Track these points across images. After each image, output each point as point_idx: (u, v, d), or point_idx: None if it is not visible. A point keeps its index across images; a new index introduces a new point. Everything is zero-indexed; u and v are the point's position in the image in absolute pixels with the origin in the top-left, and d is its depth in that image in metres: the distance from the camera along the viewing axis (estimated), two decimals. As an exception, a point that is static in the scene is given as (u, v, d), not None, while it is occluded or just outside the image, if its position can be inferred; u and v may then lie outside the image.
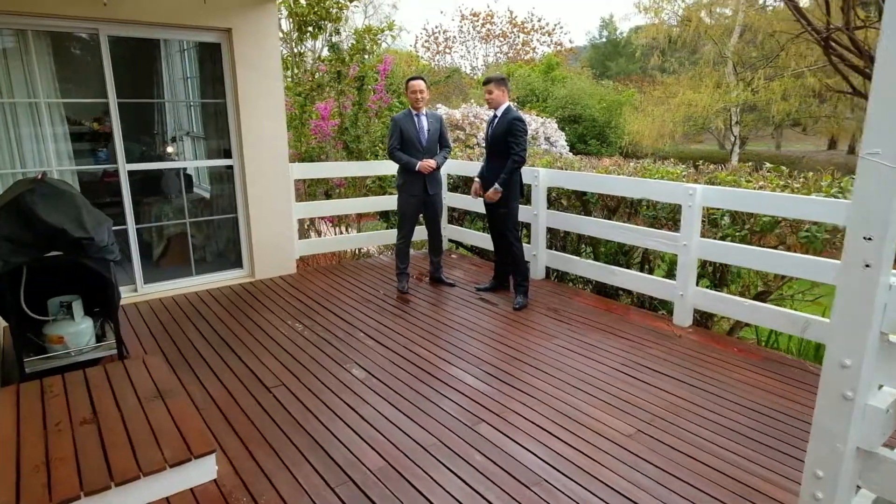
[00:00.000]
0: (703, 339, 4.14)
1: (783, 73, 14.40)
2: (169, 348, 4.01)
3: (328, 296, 5.13)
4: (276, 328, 4.36)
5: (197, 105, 5.49)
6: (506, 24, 23.43)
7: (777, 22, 13.91)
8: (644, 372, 3.62)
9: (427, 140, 5.01)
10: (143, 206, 5.29)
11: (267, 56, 5.11)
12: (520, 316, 4.62)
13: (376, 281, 5.60)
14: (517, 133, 4.54)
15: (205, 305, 4.85)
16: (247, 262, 5.50)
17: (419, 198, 5.10)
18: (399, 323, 4.47)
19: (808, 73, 13.79)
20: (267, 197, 5.37)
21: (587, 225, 5.05)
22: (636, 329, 4.33)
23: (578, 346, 4.01)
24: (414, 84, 4.96)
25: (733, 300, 4.12)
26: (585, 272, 5.18)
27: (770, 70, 15.06)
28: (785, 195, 3.77)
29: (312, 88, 6.18)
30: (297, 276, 5.69)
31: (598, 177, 4.89)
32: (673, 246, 4.34)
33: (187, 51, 5.31)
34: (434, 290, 5.32)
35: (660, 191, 4.40)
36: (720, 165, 5.51)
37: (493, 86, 4.66)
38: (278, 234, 5.51)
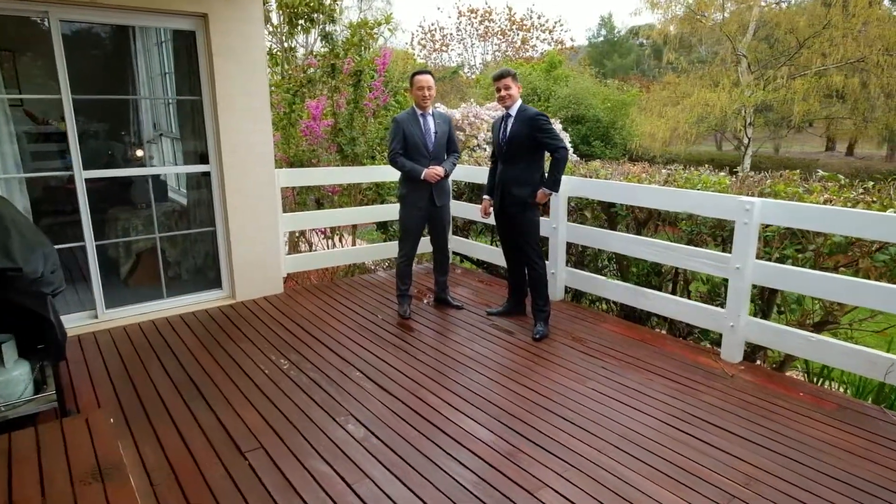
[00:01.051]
0: (760, 380, 3.52)
1: (805, 72, 13.82)
2: (127, 395, 3.34)
3: (319, 322, 4.47)
4: (258, 366, 3.70)
5: (171, 102, 4.82)
6: (504, 21, 22.83)
7: (798, 17, 13.34)
8: (702, 427, 2.99)
9: (434, 144, 4.36)
10: (108, 218, 4.62)
11: (250, 46, 4.44)
12: (541, 348, 3.99)
13: (374, 302, 4.95)
14: (545, 128, 3.94)
15: (175, 335, 4.18)
16: (227, 282, 4.84)
17: (424, 210, 4.45)
18: (401, 358, 3.83)
19: (834, 71, 13.21)
20: (249, 207, 4.71)
21: (616, 241, 4.41)
22: (679, 366, 3.70)
23: (617, 391, 3.38)
24: (421, 79, 4.31)
25: (797, 334, 3.50)
26: (613, 294, 4.55)
27: (792, 68, 14.44)
28: (865, 212, 3.16)
29: (303, 84, 5.52)
30: (285, 296, 5.02)
31: (632, 186, 4.26)
32: (723, 269, 3.72)
33: (164, 42, 4.65)
34: (439, 314, 4.67)
35: (708, 204, 3.77)
36: (726, 169, 4.91)
37: (512, 80, 4.02)
38: (263, 250, 4.85)
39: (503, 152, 4.15)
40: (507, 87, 4.03)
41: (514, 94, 4.03)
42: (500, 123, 4.16)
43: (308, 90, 5.58)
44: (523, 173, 4.06)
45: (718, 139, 28.79)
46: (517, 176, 4.09)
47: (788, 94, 14.33)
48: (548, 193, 4.04)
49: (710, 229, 4.19)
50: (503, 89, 4.05)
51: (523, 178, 4.06)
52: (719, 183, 4.09)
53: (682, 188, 4.22)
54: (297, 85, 5.52)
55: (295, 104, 5.44)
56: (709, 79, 16.64)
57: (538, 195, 4.03)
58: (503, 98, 4.06)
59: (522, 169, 4.06)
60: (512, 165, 4.11)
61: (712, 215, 3.87)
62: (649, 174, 4.76)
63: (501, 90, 4.06)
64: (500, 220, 4.35)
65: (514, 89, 4.02)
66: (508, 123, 4.09)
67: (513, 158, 4.09)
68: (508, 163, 4.13)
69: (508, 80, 4.01)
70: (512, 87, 4.02)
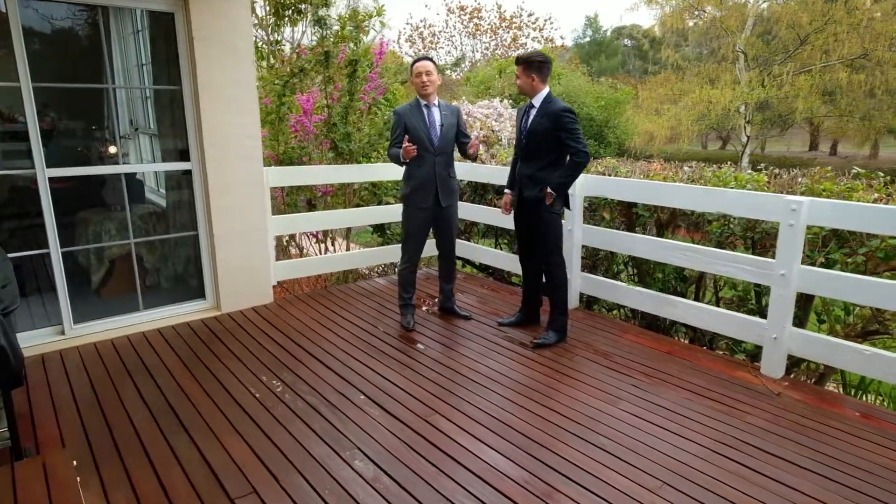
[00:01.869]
0: (808, 398, 3.18)
1: (809, 68, 13.61)
2: (96, 427, 2.90)
3: (315, 336, 4.05)
4: (248, 388, 3.27)
5: (147, 95, 4.36)
6: (494, 18, 22.48)
7: (801, 13, 13.13)
8: (754, 455, 2.64)
9: (440, 137, 3.97)
10: (77, 222, 4.15)
11: (234, 30, 4.01)
12: (563, 363, 3.61)
13: (373, 312, 4.54)
14: (569, 126, 3.54)
15: (153, 353, 3.74)
16: (210, 291, 4.39)
17: (429, 211, 4.06)
18: (408, 377, 3.42)
19: (839, 67, 13.03)
20: (236, 209, 4.27)
21: (640, 245, 4.05)
22: (717, 382, 3.35)
23: (653, 413, 3.01)
24: (419, 65, 3.92)
25: (850, 348, 3.16)
26: (634, 302, 4.19)
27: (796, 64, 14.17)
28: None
29: (293, 74, 5.08)
30: (275, 306, 4.59)
31: (660, 185, 3.90)
32: (765, 275, 3.37)
33: (139, 32, 4.19)
34: (446, 326, 4.28)
35: (748, 204, 3.42)
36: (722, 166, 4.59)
37: (523, 69, 3.65)
38: (250, 255, 4.41)
39: (522, 146, 3.77)
40: (517, 77, 3.67)
41: (524, 84, 3.66)
42: (523, 113, 3.78)
43: (300, 81, 5.14)
44: (539, 172, 3.68)
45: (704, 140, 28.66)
46: (532, 174, 3.71)
47: (793, 90, 14.16)
48: (551, 195, 3.63)
49: (742, 231, 3.85)
50: (516, 79, 3.70)
51: (538, 178, 3.68)
52: (756, 181, 3.74)
53: (712, 187, 3.87)
54: (288, 75, 5.08)
55: (285, 97, 5.02)
56: (705, 76, 16.43)
57: (545, 195, 3.65)
58: (518, 87, 3.70)
59: (539, 167, 3.68)
60: (529, 162, 3.73)
61: (752, 216, 3.53)
62: (673, 172, 4.41)
63: (515, 79, 3.71)
64: (518, 218, 3.98)
65: (522, 80, 3.66)
66: (531, 115, 3.70)
67: (531, 154, 3.72)
68: (526, 158, 3.75)
69: (519, 70, 3.65)
70: (521, 76, 3.65)
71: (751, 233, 3.88)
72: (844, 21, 13.23)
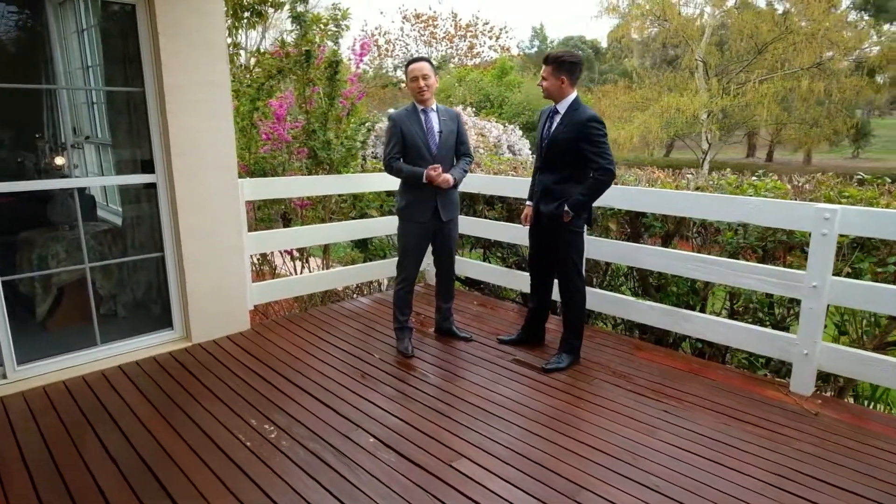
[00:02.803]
0: (846, 417, 3.01)
1: (771, 76, 14.09)
2: (51, 491, 2.39)
3: (303, 366, 3.62)
4: (236, 435, 2.82)
5: (97, 100, 3.84)
6: (450, 26, 22.36)
7: (761, 23, 13.58)
8: (814, 487, 2.41)
9: (439, 146, 3.64)
10: (19, 245, 3.59)
11: (206, 24, 3.57)
12: (582, 388, 3.32)
13: (362, 336, 4.14)
14: (596, 138, 3.24)
15: (116, 396, 3.22)
16: (179, 320, 3.88)
17: (428, 226, 3.71)
18: (419, 412, 3.05)
19: (802, 74, 13.52)
20: (208, 226, 3.80)
21: (651, 257, 3.83)
22: (749, 403, 3.14)
23: (694, 442, 2.75)
24: (415, 68, 3.58)
25: (882, 361, 3.01)
26: (643, 317, 3.97)
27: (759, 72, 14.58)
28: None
29: (270, 76, 4.63)
30: (253, 334, 4.12)
31: (675, 194, 3.69)
32: (794, 287, 3.20)
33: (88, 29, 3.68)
34: (447, 349, 3.93)
35: (775, 213, 3.24)
36: None
37: (552, 70, 3.33)
38: (225, 278, 3.94)
39: (541, 155, 3.47)
40: (543, 79, 3.37)
41: (548, 87, 3.36)
42: (546, 118, 3.48)
43: (278, 82, 4.70)
44: (557, 185, 3.38)
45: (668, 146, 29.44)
46: (549, 187, 3.41)
47: (755, 98, 14.63)
48: (568, 214, 3.33)
49: (757, 241, 3.69)
50: (541, 79, 3.39)
51: (556, 191, 3.39)
52: (777, 188, 3.59)
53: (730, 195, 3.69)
54: (265, 77, 4.63)
55: (258, 101, 4.56)
56: (665, 84, 16.79)
57: (562, 213, 3.36)
58: (543, 90, 3.40)
59: (557, 180, 3.38)
60: (547, 172, 3.44)
61: (780, 225, 3.36)
62: (673, 179, 4.23)
63: (540, 80, 3.41)
64: (534, 233, 3.67)
65: (548, 81, 3.35)
66: (554, 121, 3.40)
67: (550, 164, 3.42)
68: (545, 169, 3.45)
69: (548, 70, 3.35)
70: (548, 78, 3.35)
71: (763, 242, 3.73)
72: (801, 31, 13.86)
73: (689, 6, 16.60)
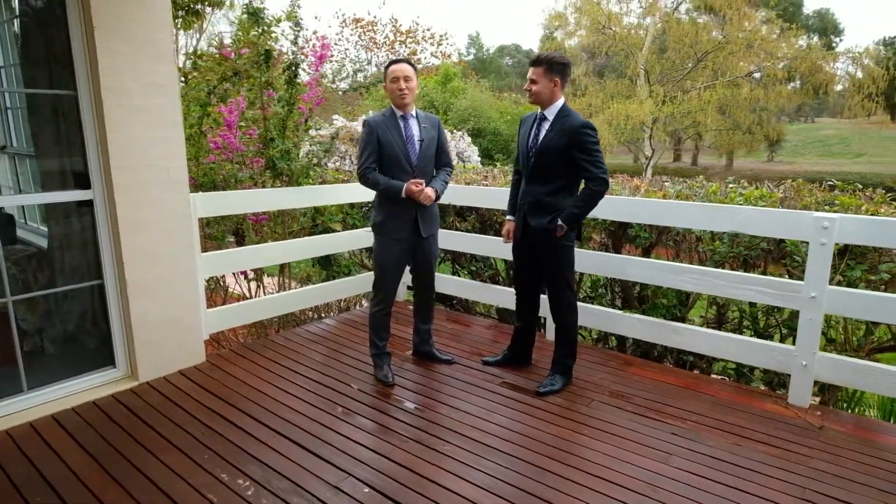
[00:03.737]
0: (848, 428, 2.96)
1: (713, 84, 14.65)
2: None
3: (273, 403, 3.21)
4: (199, 492, 2.40)
5: (19, 100, 3.30)
6: (390, 32, 21.99)
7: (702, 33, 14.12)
8: (848, 513, 2.30)
9: (419, 155, 3.35)
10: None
11: (151, 18, 3.12)
12: (580, 412, 3.12)
13: (335, 363, 3.77)
14: (590, 146, 3.04)
15: (50, 452, 2.71)
16: (123, 356, 3.39)
17: (407, 243, 3.42)
18: (414, 451, 2.74)
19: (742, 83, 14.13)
20: (156, 248, 3.33)
21: (639, 269, 3.70)
22: (753, 419, 3.04)
23: (713, 469, 2.59)
24: (395, 69, 3.30)
25: (879, 369, 2.99)
26: (631, 331, 3.83)
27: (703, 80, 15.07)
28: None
29: (225, 78, 4.16)
30: (209, 367, 3.66)
31: (666, 204, 3.56)
32: (792, 298, 3.13)
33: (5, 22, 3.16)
34: (429, 374, 3.63)
35: (772, 222, 3.17)
36: None
37: (544, 71, 3.11)
38: (176, 305, 3.47)
39: (529, 165, 3.23)
40: (533, 82, 3.14)
41: (541, 91, 3.14)
42: (531, 126, 3.25)
43: (234, 85, 4.25)
44: (548, 198, 3.16)
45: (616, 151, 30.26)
46: (539, 200, 3.18)
47: (699, 104, 15.22)
48: (562, 228, 3.12)
49: (744, 250, 3.62)
50: (529, 83, 3.15)
51: (547, 204, 3.17)
52: (768, 196, 3.53)
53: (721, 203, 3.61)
54: (217, 79, 4.16)
55: (210, 106, 4.10)
56: (608, 92, 17.19)
57: (555, 227, 3.15)
58: (529, 93, 3.16)
59: (548, 192, 3.16)
60: (536, 184, 3.20)
61: (776, 235, 3.29)
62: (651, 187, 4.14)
63: (527, 84, 3.16)
64: (519, 249, 3.43)
65: (540, 84, 3.12)
66: (542, 129, 3.18)
67: (540, 176, 3.19)
68: (534, 180, 3.22)
69: (537, 71, 3.12)
70: (538, 81, 3.12)
71: (747, 251, 3.67)
72: (737, 41, 14.58)
73: (631, 16, 17.23)
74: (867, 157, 33.61)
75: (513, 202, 3.47)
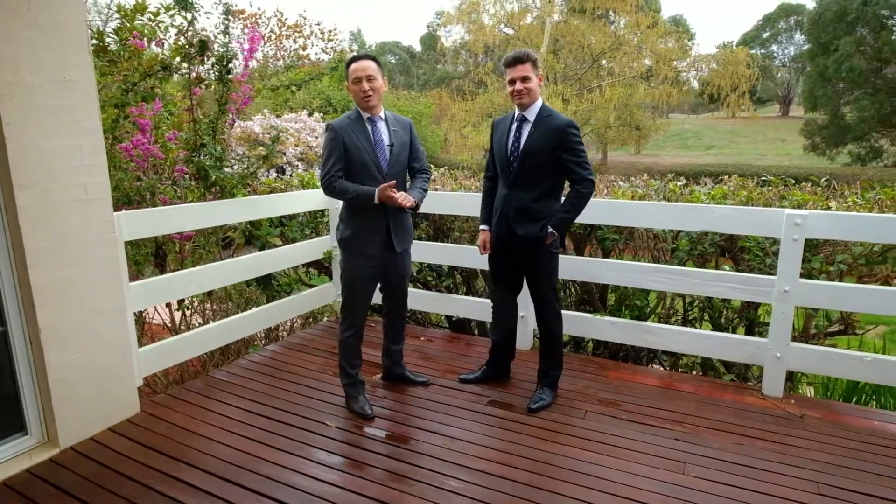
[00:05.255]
0: (824, 414, 3.12)
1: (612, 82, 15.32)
2: None
3: (236, 455, 2.74)
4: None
5: None
6: (275, 25, 20.77)
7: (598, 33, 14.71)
8: (859, 502, 2.37)
9: (390, 162, 3.03)
10: None
11: (59, 2, 2.51)
12: (579, 426, 2.99)
13: (296, 398, 3.34)
14: (576, 147, 2.90)
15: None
16: (36, 420, 2.72)
17: (378, 259, 3.08)
18: (421, 494, 2.44)
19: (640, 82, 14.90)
20: (74, 283, 2.71)
21: (613, 272, 3.65)
22: (741, 415, 3.10)
23: (728, 473, 2.57)
24: (358, 67, 2.96)
25: (849, 356, 3.17)
26: (606, 334, 3.78)
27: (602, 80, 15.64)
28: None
29: (148, 73, 3.47)
30: (146, 417, 3.07)
31: (637, 205, 3.54)
32: (765, 293, 3.23)
33: None
34: (407, 399, 3.33)
35: (745, 220, 3.24)
36: None
37: (532, 67, 2.93)
38: (102, 351, 2.86)
39: (511, 171, 3.02)
40: (525, 79, 2.92)
41: (535, 88, 2.94)
42: (509, 129, 3.03)
43: (161, 84, 3.56)
44: (535, 204, 2.98)
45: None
46: (525, 207, 2.99)
47: (602, 102, 15.91)
48: (553, 235, 2.97)
49: (710, 247, 3.71)
50: (519, 81, 2.92)
51: (534, 211, 2.99)
52: (736, 194, 3.62)
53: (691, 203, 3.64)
54: (140, 75, 3.45)
55: (125, 107, 3.39)
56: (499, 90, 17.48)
57: (545, 235, 2.98)
58: (520, 94, 2.94)
59: (536, 197, 2.98)
60: (521, 190, 3.00)
61: (749, 232, 3.38)
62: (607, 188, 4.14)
63: (517, 82, 2.93)
64: (499, 259, 3.22)
65: (534, 82, 2.93)
66: (524, 131, 2.98)
67: (524, 181, 2.99)
68: (517, 186, 3.01)
69: (527, 67, 2.91)
70: (532, 78, 2.92)
71: (701, 247, 3.76)
72: (630, 43, 15.50)
73: (530, 16, 17.63)
74: (717, 150, 37.76)
75: (487, 211, 3.26)
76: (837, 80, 28.26)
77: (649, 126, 18.58)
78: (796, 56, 44.63)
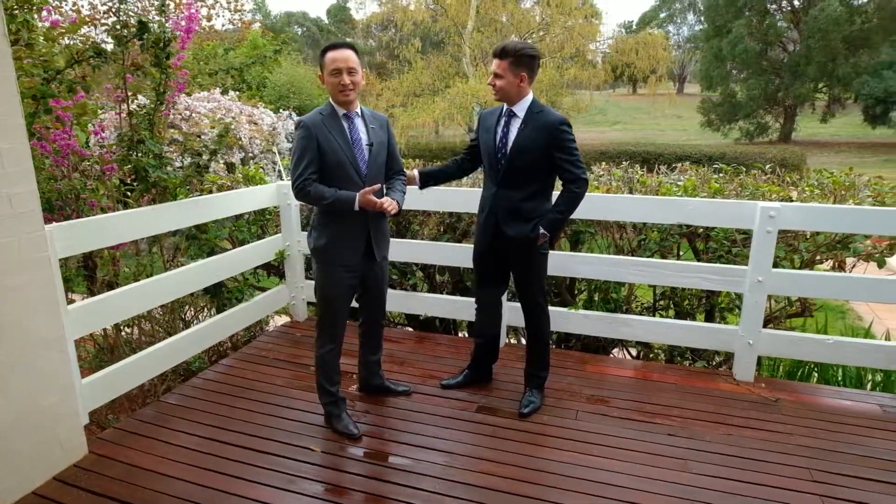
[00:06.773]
0: (792, 396, 3.27)
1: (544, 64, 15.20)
2: None
3: (187, 489, 2.44)
4: None
5: None
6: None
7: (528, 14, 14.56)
8: (858, 487, 2.49)
9: (369, 163, 2.77)
10: None
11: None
12: (573, 428, 2.95)
13: (268, 419, 3.04)
14: (569, 145, 2.77)
15: None
16: (-38, 480, 2.27)
17: (356, 269, 2.84)
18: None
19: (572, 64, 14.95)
20: (2, 313, 2.26)
21: (587, 266, 3.62)
22: (722, 403, 3.19)
23: (732, 468, 2.62)
24: (336, 57, 2.67)
25: (814, 340, 3.34)
26: (580, 327, 3.77)
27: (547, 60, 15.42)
28: (887, 209, 3.09)
29: (74, 62, 2.89)
30: (95, 460, 2.66)
31: (614, 198, 3.50)
32: (738, 283, 3.31)
33: None
34: (390, 412, 3.13)
35: (721, 212, 3.28)
36: None
37: (509, 64, 2.76)
38: (40, 391, 2.43)
39: (500, 168, 2.85)
40: (498, 76, 2.76)
41: (509, 86, 2.77)
42: (497, 124, 2.86)
43: (93, 72, 2.99)
44: (525, 203, 2.85)
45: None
46: (516, 207, 2.85)
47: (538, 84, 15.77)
48: (545, 236, 2.86)
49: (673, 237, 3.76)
50: (493, 77, 2.77)
51: (525, 211, 2.86)
52: (709, 187, 3.66)
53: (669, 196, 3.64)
54: (64, 61, 2.86)
55: (45, 97, 2.82)
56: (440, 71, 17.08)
57: (538, 236, 2.86)
58: (493, 88, 2.81)
59: (527, 196, 2.84)
60: (512, 189, 2.85)
61: (724, 225, 3.43)
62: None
63: (491, 78, 2.78)
64: (485, 258, 3.07)
65: (506, 80, 2.76)
66: (512, 127, 2.81)
67: (515, 179, 2.84)
68: (507, 185, 2.86)
69: (504, 65, 2.74)
70: (505, 75, 2.75)
71: (672, 239, 3.82)
72: (558, 24, 15.59)
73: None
74: (622, 125, 39.55)
75: (439, 168, 3.21)
76: (731, 60, 30.36)
77: (571, 105, 19.08)
78: (690, 37, 47.48)
